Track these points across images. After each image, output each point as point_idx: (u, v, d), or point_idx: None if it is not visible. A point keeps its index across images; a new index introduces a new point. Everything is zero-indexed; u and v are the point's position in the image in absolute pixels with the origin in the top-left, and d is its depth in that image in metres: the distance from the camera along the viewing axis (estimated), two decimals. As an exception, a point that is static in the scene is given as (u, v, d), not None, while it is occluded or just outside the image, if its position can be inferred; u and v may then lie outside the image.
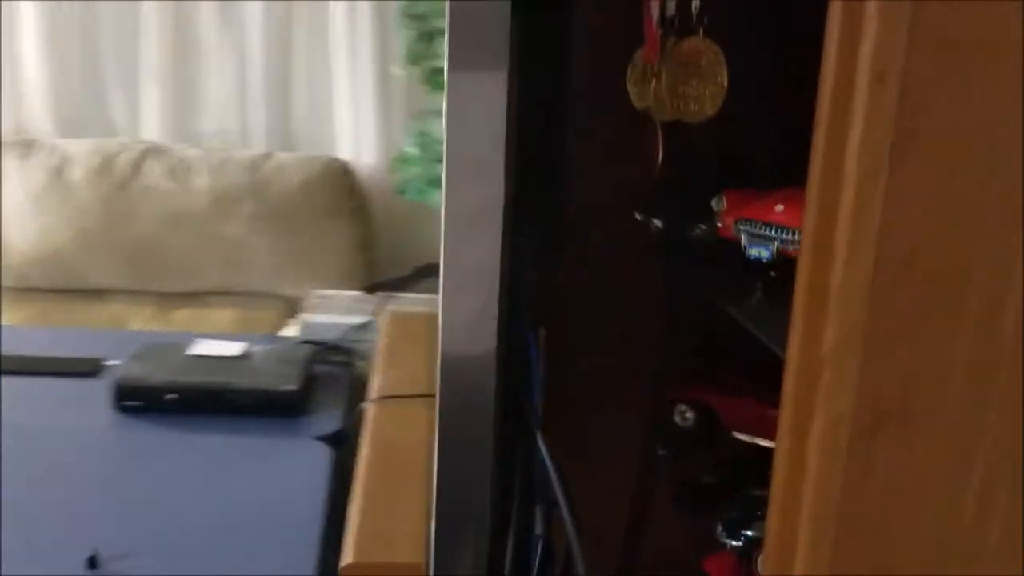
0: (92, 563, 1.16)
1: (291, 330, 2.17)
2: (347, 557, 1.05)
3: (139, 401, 1.56)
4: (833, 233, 0.51)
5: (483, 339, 0.61)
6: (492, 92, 0.58)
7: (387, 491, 1.18)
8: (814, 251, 0.53)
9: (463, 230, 0.59)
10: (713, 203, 0.73)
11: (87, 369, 1.70)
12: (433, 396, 1.45)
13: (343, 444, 1.58)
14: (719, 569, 0.78)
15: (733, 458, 0.96)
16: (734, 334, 0.91)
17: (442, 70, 2.15)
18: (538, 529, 0.65)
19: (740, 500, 0.78)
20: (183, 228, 2.36)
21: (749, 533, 0.75)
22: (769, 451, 0.96)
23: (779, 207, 0.69)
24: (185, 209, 2.36)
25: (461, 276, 0.60)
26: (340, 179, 2.45)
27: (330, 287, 2.13)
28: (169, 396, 1.56)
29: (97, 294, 2.34)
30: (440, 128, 2.38)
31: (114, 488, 1.34)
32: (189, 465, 1.41)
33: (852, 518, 0.52)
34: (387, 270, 2.48)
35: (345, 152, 2.57)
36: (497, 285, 0.60)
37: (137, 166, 2.37)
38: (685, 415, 0.96)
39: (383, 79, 2.53)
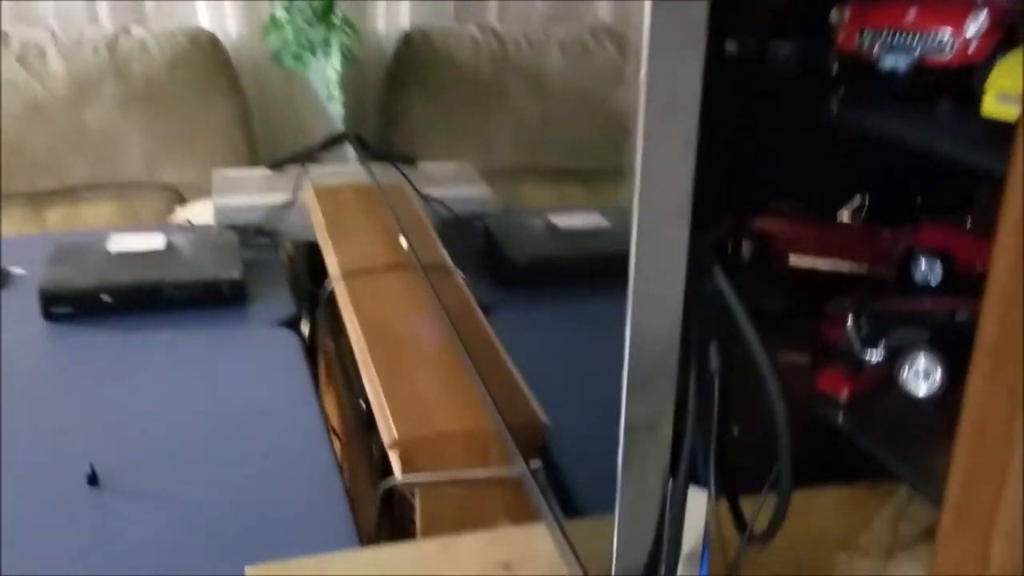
0: (92, 479, 1.08)
1: (180, 218, 2.04)
2: (392, 433, 1.01)
3: (69, 307, 1.44)
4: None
5: (682, 175, 0.58)
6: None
7: (399, 364, 1.14)
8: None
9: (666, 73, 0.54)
10: (832, 15, 0.71)
11: (-7, 280, 1.54)
12: (405, 265, 1.40)
13: (299, 328, 1.52)
14: (835, 384, 0.78)
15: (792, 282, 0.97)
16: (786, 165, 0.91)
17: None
18: (713, 365, 0.63)
19: (863, 315, 0.79)
20: (43, 120, 2.14)
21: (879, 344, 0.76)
22: (826, 273, 0.97)
23: (911, 13, 0.67)
24: (42, 99, 2.14)
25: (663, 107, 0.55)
26: (209, 52, 2.27)
27: (215, 170, 2.00)
28: (103, 298, 1.44)
29: (-43, 201, 2.11)
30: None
31: (86, 400, 1.23)
32: (156, 367, 1.32)
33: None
34: (272, 144, 2.34)
35: (205, 21, 2.38)
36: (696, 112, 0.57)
37: (-20, 56, 2.12)
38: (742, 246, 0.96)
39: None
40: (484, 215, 1.77)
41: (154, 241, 1.58)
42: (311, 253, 1.78)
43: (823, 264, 0.93)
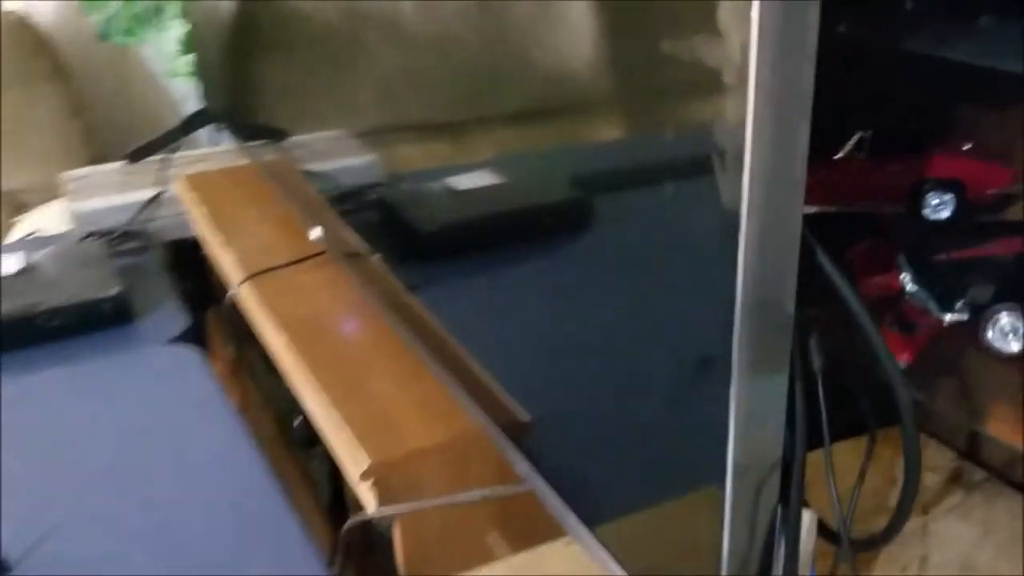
0: (2, 568, 0.90)
1: (22, 230, 1.80)
2: (361, 459, 0.87)
3: (-75, 356, 1.22)
4: None
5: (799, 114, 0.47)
6: None
7: (345, 374, 1.00)
8: None
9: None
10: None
11: None
12: (315, 254, 1.24)
13: (196, 340, 1.34)
14: (898, 349, 0.70)
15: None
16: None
17: None
18: (816, 363, 0.53)
19: (923, 268, 0.70)
20: None
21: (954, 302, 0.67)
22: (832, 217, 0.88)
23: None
24: None
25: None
26: (21, 35, 2.01)
27: (50, 169, 1.78)
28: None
29: None
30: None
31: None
32: (44, 414, 1.13)
33: None
34: (111, 135, 2.11)
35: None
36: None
37: None
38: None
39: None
40: (375, 185, 1.62)
41: (9, 263, 1.37)
42: (180, 252, 1.59)
43: (829, 208, 0.84)
